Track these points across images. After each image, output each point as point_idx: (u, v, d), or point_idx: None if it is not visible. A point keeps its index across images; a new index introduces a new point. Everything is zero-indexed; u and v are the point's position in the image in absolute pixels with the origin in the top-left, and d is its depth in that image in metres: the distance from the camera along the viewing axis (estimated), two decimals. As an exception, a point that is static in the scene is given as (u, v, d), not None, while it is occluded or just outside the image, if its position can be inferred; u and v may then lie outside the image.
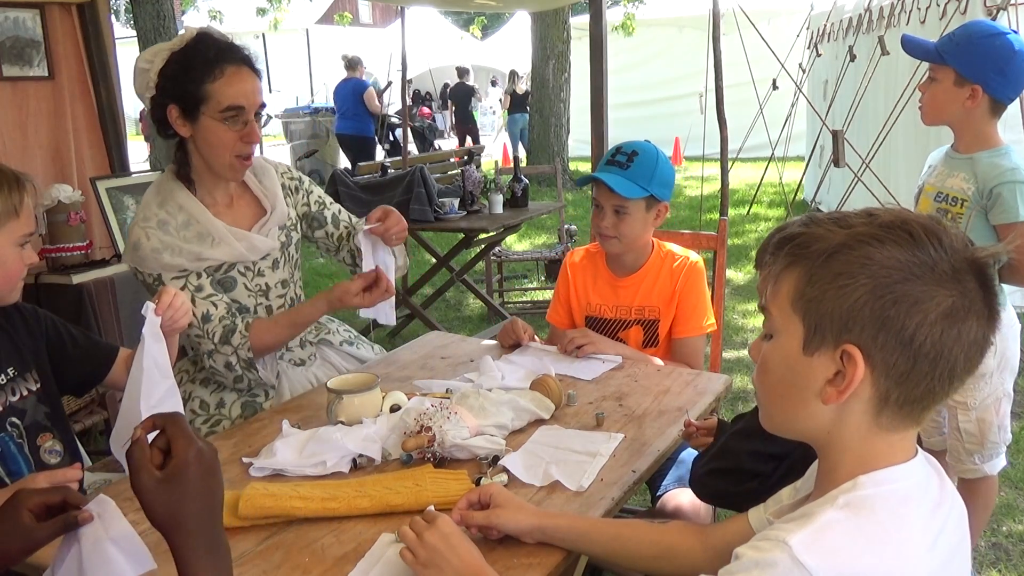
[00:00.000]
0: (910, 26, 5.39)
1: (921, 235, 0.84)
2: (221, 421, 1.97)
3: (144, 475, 0.86)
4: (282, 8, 12.09)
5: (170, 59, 1.83)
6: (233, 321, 1.90)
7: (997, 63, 2.03)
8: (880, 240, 0.85)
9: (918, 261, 0.84)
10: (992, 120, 2.11)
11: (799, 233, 0.90)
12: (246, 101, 1.85)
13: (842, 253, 0.86)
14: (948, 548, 0.88)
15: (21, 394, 1.61)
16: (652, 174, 2.11)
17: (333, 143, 12.71)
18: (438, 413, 1.58)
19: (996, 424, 2.20)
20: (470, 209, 4.70)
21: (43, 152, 3.55)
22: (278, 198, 2.05)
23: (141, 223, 1.88)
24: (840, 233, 0.87)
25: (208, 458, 0.89)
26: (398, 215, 2.00)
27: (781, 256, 0.91)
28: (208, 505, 0.88)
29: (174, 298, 1.58)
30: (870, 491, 0.85)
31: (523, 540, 1.27)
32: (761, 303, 0.95)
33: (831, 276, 0.86)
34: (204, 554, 0.86)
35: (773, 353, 0.93)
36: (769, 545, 0.82)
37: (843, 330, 0.85)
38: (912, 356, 0.84)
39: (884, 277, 0.84)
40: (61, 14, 3.56)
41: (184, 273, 1.88)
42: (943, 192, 2.18)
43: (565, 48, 10.89)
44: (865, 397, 0.87)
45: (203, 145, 1.88)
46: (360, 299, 1.93)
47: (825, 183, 7.04)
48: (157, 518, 0.86)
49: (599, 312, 2.27)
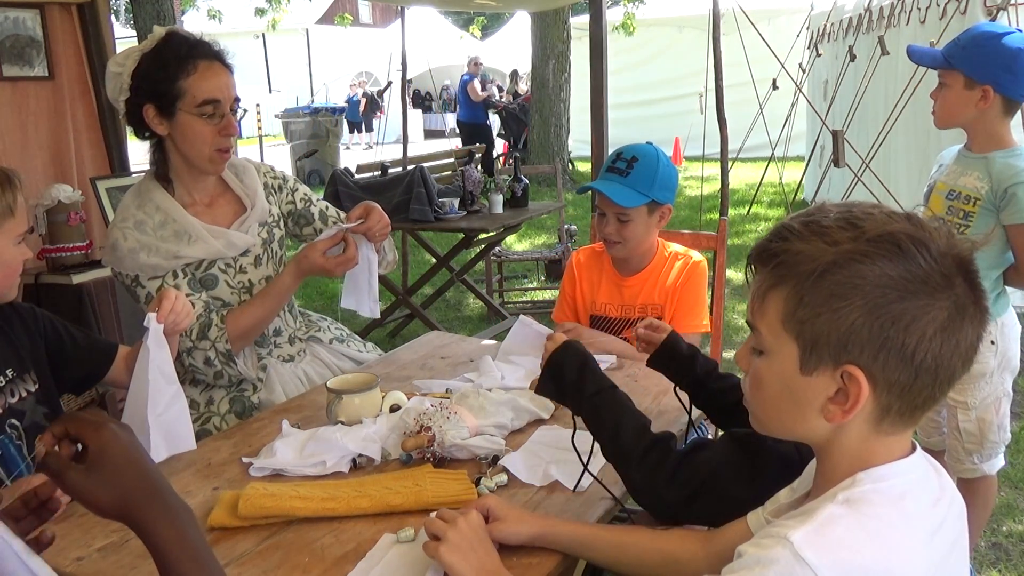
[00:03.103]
0: (910, 26, 5.40)
1: (909, 246, 0.83)
2: (211, 418, 1.98)
3: (69, 475, 0.84)
4: (281, 9, 12.08)
5: (142, 60, 1.85)
6: (209, 317, 1.91)
7: (1005, 61, 2.03)
8: (869, 256, 0.83)
9: (910, 275, 0.82)
10: (1005, 120, 2.11)
11: (781, 250, 0.88)
12: (221, 94, 1.86)
13: (832, 273, 0.84)
14: (947, 542, 0.89)
15: (20, 395, 1.61)
16: (653, 179, 2.10)
17: (333, 143, 12.74)
18: (438, 413, 1.58)
19: (996, 424, 2.20)
20: (470, 209, 4.70)
21: (43, 152, 3.55)
22: (258, 195, 2.06)
23: (119, 224, 1.91)
24: (827, 251, 0.84)
25: (125, 432, 0.88)
26: (380, 212, 2.01)
27: (766, 274, 0.90)
28: (143, 473, 0.86)
29: (175, 302, 1.59)
30: (869, 487, 0.86)
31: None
32: (748, 319, 0.93)
33: (823, 298, 0.84)
34: (164, 521, 0.84)
35: (767, 371, 0.92)
36: (771, 542, 0.82)
37: (842, 351, 0.84)
38: (914, 371, 0.84)
39: (879, 297, 0.82)
40: (61, 14, 3.56)
41: (161, 274, 1.90)
42: (955, 190, 2.18)
43: (565, 48, 10.89)
44: (867, 410, 0.86)
45: (182, 141, 1.89)
46: (326, 260, 1.92)
47: (825, 183, 7.03)
48: (104, 506, 0.85)
49: (604, 311, 2.27)
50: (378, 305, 2.12)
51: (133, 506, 0.84)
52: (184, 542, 0.85)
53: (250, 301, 2.00)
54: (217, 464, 1.59)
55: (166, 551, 0.84)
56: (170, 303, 1.57)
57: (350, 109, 18.25)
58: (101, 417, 0.88)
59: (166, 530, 0.84)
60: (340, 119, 14.32)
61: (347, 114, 17.35)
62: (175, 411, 1.59)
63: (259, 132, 13.54)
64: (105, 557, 1.27)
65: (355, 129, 19.17)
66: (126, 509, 0.84)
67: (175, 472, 1.55)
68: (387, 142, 15.12)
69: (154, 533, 0.84)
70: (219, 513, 1.36)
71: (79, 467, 0.85)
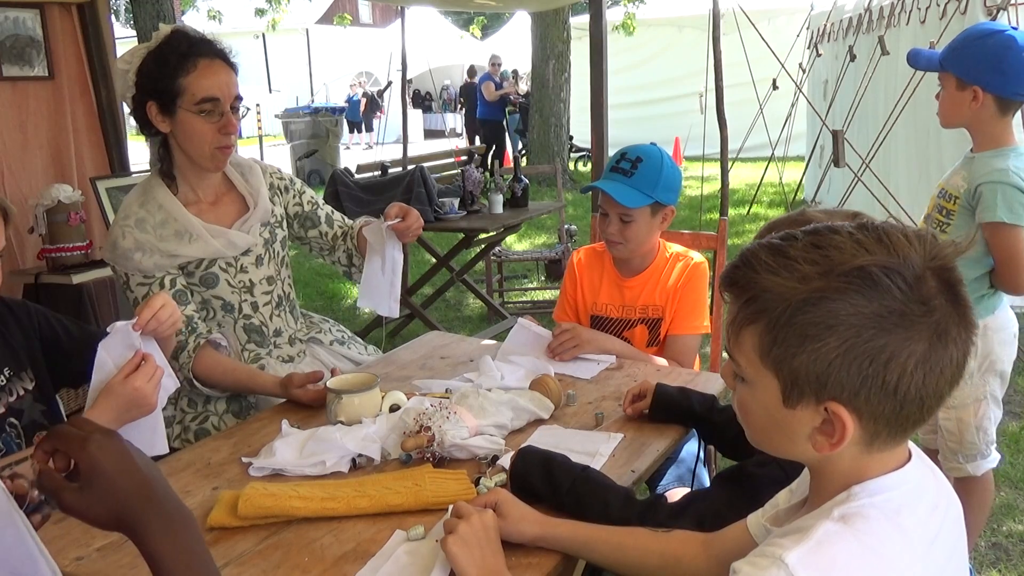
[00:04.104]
0: (910, 26, 5.40)
1: (882, 278, 0.80)
2: (209, 417, 1.99)
3: (65, 495, 0.83)
4: (281, 9, 12.09)
5: (146, 57, 1.87)
6: (186, 339, 1.90)
7: (992, 62, 2.05)
8: (841, 292, 0.80)
9: (885, 310, 0.79)
10: (1003, 119, 2.11)
11: (751, 283, 0.85)
12: (220, 93, 1.86)
13: (804, 312, 0.81)
14: (946, 548, 0.88)
15: (18, 394, 1.61)
16: (657, 180, 2.10)
17: (333, 143, 12.75)
18: (437, 413, 1.58)
19: (974, 425, 2.19)
20: (470, 209, 4.70)
21: (43, 152, 3.55)
22: (261, 195, 2.06)
23: (120, 221, 1.92)
24: (796, 289, 0.82)
25: (112, 441, 0.85)
26: (416, 214, 2.00)
27: (739, 307, 0.87)
28: (137, 482, 0.84)
29: (159, 311, 1.53)
30: (865, 501, 0.84)
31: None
32: (726, 346, 0.91)
33: (798, 339, 0.82)
34: (159, 532, 0.83)
35: (751, 401, 0.90)
36: (766, 562, 0.82)
37: (822, 389, 0.82)
38: (899, 403, 0.82)
39: (854, 336, 0.80)
40: (61, 14, 3.56)
41: (149, 280, 1.90)
42: (945, 189, 2.21)
43: (565, 48, 10.90)
44: (855, 436, 0.85)
45: (183, 139, 1.90)
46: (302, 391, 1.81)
47: (825, 183, 7.03)
48: (102, 522, 0.83)
49: (605, 311, 2.27)
50: (398, 305, 2.09)
51: (128, 518, 0.83)
52: (178, 552, 0.83)
53: (230, 363, 1.96)
54: (217, 464, 1.59)
55: (159, 563, 0.82)
56: (151, 312, 1.52)
57: (350, 109, 18.27)
58: (86, 428, 0.85)
59: (160, 541, 0.83)
60: (340, 119, 14.33)
61: (347, 114, 17.37)
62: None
63: (259, 132, 13.56)
64: (105, 557, 1.27)
65: (355, 129, 19.18)
66: (123, 522, 0.83)
67: (175, 472, 1.55)
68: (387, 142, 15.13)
69: (148, 544, 0.83)
70: (219, 513, 1.36)
71: (73, 486, 0.83)
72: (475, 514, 1.20)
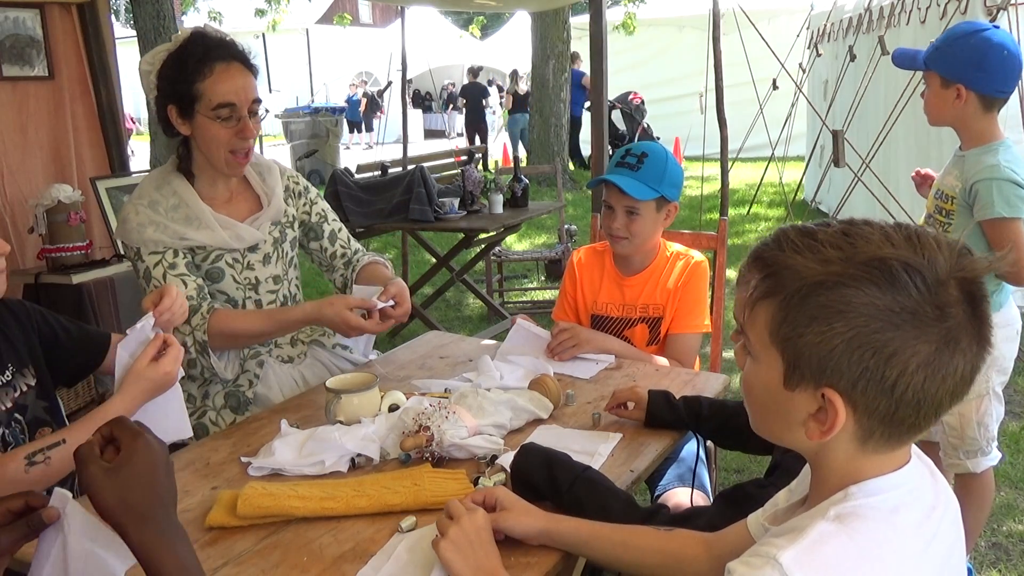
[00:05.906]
0: (910, 26, 5.39)
1: (901, 274, 0.80)
2: (207, 412, 1.99)
3: (92, 467, 0.88)
4: (281, 9, 12.11)
5: (167, 60, 1.88)
6: (199, 303, 1.90)
7: (973, 59, 2.07)
8: (857, 281, 0.80)
9: (898, 307, 0.79)
10: (986, 116, 2.13)
11: (774, 259, 0.86)
12: (236, 98, 1.86)
13: (817, 294, 0.82)
14: (943, 550, 0.88)
15: (21, 390, 1.61)
16: (662, 175, 2.12)
17: (333, 143, 12.75)
18: (436, 413, 1.58)
19: (975, 421, 2.20)
20: (470, 209, 4.70)
21: (43, 152, 3.55)
22: (276, 194, 2.07)
23: (134, 200, 1.94)
24: (814, 270, 0.82)
25: (157, 450, 0.91)
26: (407, 308, 1.97)
27: (757, 282, 0.88)
28: (156, 494, 0.89)
29: (175, 301, 1.59)
30: (861, 501, 0.84)
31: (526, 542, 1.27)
32: (740, 322, 0.92)
33: (806, 319, 0.82)
34: (159, 538, 0.87)
35: (755, 378, 0.91)
36: (760, 561, 0.81)
37: (821, 374, 0.83)
38: (895, 403, 0.82)
39: (863, 326, 0.80)
40: (61, 14, 3.56)
41: (162, 250, 1.91)
42: (940, 189, 2.23)
43: (565, 48, 10.90)
44: (849, 431, 0.85)
45: (201, 142, 1.91)
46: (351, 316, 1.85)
47: (825, 183, 7.04)
48: (106, 507, 0.87)
49: (605, 311, 2.27)
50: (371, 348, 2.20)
51: (134, 516, 0.87)
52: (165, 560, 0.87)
53: (253, 311, 2.00)
54: (216, 463, 1.59)
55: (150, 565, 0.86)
56: (171, 300, 1.58)
57: (350, 109, 18.27)
58: (143, 428, 0.92)
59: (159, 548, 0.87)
60: (340, 119, 14.33)
61: (347, 114, 17.38)
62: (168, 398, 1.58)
63: (259, 132, 13.53)
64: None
65: (355, 129, 19.19)
66: (127, 516, 0.87)
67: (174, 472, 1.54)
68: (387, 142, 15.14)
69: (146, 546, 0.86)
70: (217, 512, 1.36)
71: (103, 464, 0.88)
72: (465, 515, 1.20)
